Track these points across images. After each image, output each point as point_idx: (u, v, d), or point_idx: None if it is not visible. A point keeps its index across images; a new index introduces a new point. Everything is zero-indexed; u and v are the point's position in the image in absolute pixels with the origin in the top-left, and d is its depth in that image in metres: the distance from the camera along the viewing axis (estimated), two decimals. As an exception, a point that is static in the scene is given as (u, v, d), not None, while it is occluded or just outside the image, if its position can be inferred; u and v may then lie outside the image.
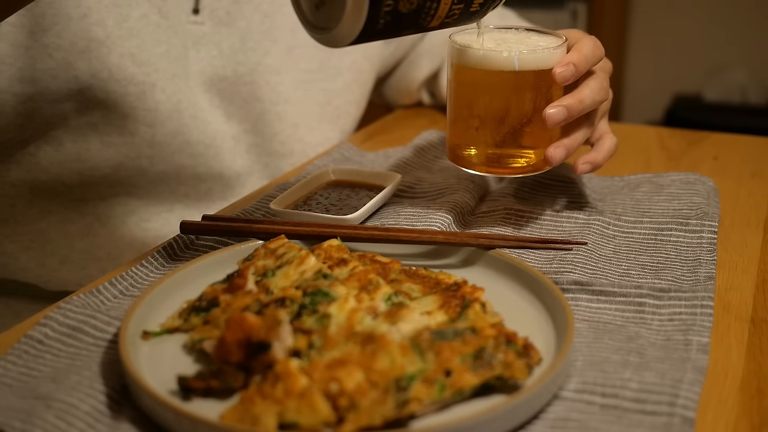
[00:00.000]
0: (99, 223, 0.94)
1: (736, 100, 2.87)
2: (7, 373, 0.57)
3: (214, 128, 0.96)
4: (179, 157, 0.94)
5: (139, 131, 0.90)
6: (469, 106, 0.76)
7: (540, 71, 0.73)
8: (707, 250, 0.74)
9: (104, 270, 0.93)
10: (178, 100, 0.91)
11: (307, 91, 1.04)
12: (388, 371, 0.51)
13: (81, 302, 0.65)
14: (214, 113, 0.96)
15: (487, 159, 0.76)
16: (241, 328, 0.54)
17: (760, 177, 0.95)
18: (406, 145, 1.02)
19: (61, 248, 0.93)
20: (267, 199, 0.86)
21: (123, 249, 0.94)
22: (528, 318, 0.62)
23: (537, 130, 0.75)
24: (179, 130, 0.92)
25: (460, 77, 0.76)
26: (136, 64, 0.87)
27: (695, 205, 0.83)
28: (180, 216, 0.97)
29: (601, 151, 0.79)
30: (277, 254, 0.65)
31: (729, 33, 2.87)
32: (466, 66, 0.74)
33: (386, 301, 0.58)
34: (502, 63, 0.72)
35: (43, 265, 0.93)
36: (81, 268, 0.94)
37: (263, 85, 0.99)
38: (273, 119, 1.01)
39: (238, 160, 1.00)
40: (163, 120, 0.91)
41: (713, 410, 0.54)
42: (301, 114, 1.04)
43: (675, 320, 0.63)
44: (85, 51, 0.85)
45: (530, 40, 0.77)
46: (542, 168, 0.77)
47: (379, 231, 0.72)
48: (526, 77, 0.73)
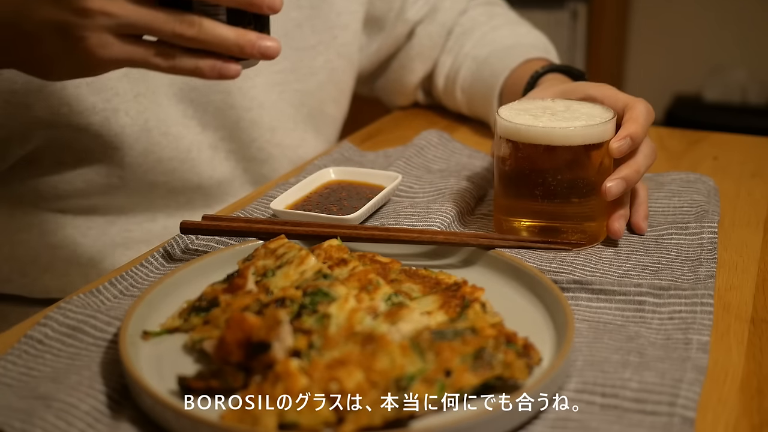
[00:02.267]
0: (80, 233, 0.93)
1: (736, 100, 2.87)
2: (7, 373, 0.57)
3: (189, 140, 0.95)
4: (152, 175, 0.93)
5: (107, 155, 0.89)
6: (523, 180, 0.76)
7: (596, 144, 0.73)
8: (708, 249, 0.74)
9: (87, 276, 0.92)
10: (145, 119, 0.90)
11: (281, 93, 1.03)
12: (388, 371, 0.51)
13: (81, 302, 0.65)
14: (188, 124, 0.95)
15: (540, 231, 0.76)
16: (241, 328, 0.54)
17: (760, 177, 0.95)
18: (406, 145, 1.02)
19: (42, 257, 0.92)
20: (267, 199, 0.86)
21: (106, 255, 0.94)
22: (528, 318, 0.62)
23: (593, 201, 0.75)
24: (150, 149, 0.91)
25: (515, 152, 0.75)
26: (95, 93, 0.86)
27: (695, 203, 0.83)
28: (163, 225, 0.97)
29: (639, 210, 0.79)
30: (277, 254, 0.65)
31: (729, 33, 2.87)
32: (522, 142, 0.74)
33: (386, 301, 0.58)
34: (562, 138, 0.72)
35: (25, 275, 0.93)
36: (63, 275, 0.93)
37: (235, 91, 0.97)
38: (248, 125, 1.00)
39: (218, 169, 0.99)
40: (131, 142, 0.90)
41: (713, 410, 0.54)
42: (277, 117, 1.03)
43: (675, 318, 0.63)
44: (41, 90, 0.83)
45: (580, 109, 0.77)
46: (596, 242, 0.77)
47: (379, 231, 0.72)
48: (584, 151, 0.73)
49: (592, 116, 0.75)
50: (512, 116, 0.76)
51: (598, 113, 0.76)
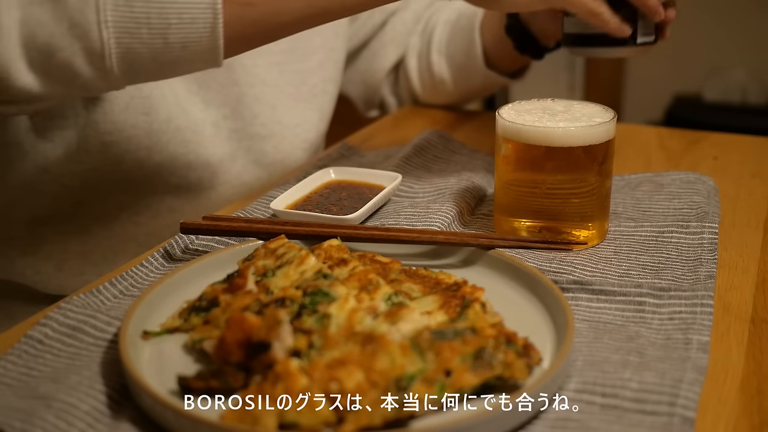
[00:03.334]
0: (93, 220, 0.94)
1: (736, 100, 2.87)
2: (7, 373, 0.57)
3: (195, 115, 0.96)
4: (173, 146, 0.94)
5: (138, 122, 0.90)
6: (523, 180, 0.76)
7: (596, 145, 0.73)
8: (708, 249, 0.74)
9: (101, 274, 0.92)
10: (162, 87, 0.92)
11: (281, 72, 1.04)
12: (388, 371, 0.51)
13: (81, 302, 0.65)
14: (193, 100, 0.96)
15: (540, 231, 0.76)
16: (241, 328, 0.54)
17: (760, 177, 0.95)
18: (406, 145, 1.02)
19: (56, 252, 0.93)
20: (267, 199, 0.86)
21: (117, 250, 0.94)
22: (528, 318, 0.62)
23: (593, 201, 0.75)
24: (170, 116, 0.92)
25: (516, 153, 0.75)
26: None
27: (696, 204, 0.83)
28: (170, 207, 0.97)
29: None
30: (277, 254, 0.65)
31: (729, 33, 2.87)
32: (523, 142, 0.74)
33: (386, 301, 0.58)
34: (563, 138, 0.73)
35: (39, 272, 0.93)
36: (78, 274, 0.93)
37: (238, 68, 0.99)
38: (251, 101, 1.01)
39: (219, 147, 0.99)
40: (156, 107, 0.91)
41: (713, 410, 0.54)
42: (278, 95, 1.03)
43: (675, 319, 0.63)
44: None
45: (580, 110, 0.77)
46: (596, 242, 0.77)
47: (379, 231, 0.72)
48: (584, 151, 0.73)
49: (592, 116, 0.75)
50: (513, 117, 0.76)
51: (597, 113, 0.76)
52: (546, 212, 0.76)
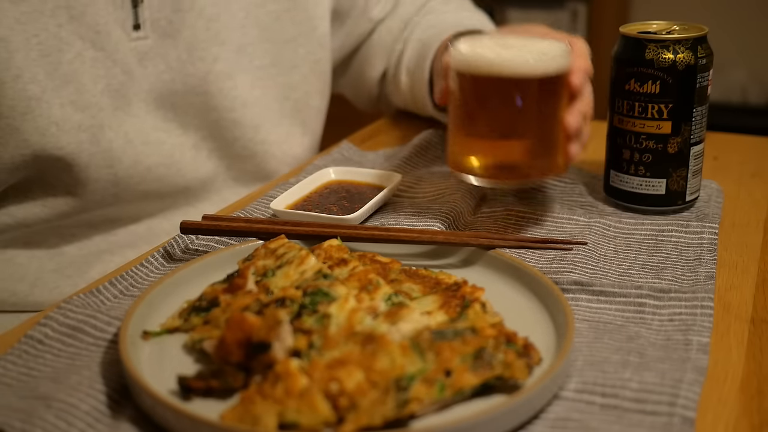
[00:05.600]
0: (65, 242, 0.92)
1: (736, 100, 2.87)
2: (7, 373, 0.57)
3: (171, 144, 0.94)
4: (144, 185, 0.92)
5: (101, 175, 0.88)
6: (478, 115, 0.74)
7: (556, 77, 0.72)
8: (708, 250, 0.74)
9: (76, 286, 0.90)
10: (125, 131, 0.89)
11: (265, 89, 1.02)
12: (388, 371, 0.51)
13: (81, 302, 0.65)
14: (168, 127, 0.94)
15: (495, 167, 0.75)
16: (241, 328, 0.54)
17: (760, 177, 0.95)
18: (406, 145, 1.02)
19: (30, 273, 0.92)
20: (267, 199, 0.86)
21: (92, 263, 0.93)
22: (528, 318, 0.62)
23: (551, 134, 0.74)
24: (137, 160, 0.90)
25: (471, 86, 0.74)
26: (80, 110, 0.85)
27: (696, 207, 0.83)
28: (147, 227, 0.96)
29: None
30: (277, 254, 0.65)
31: (729, 33, 2.87)
32: (478, 75, 0.72)
33: (386, 301, 0.58)
34: (520, 70, 0.71)
35: (15, 294, 0.91)
36: (53, 288, 0.91)
37: (216, 93, 0.96)
38: (230, 125, 0.99)
39: (200, 168, 0.98)
40: (119, 156, 0.89)
41: (713, 410, 0.54)
42: (261, 114, 1.02)
43: (675, 320, 0.63)
44: (27, 112, 0.82)
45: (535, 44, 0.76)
46: (553, 174, 0.76)
47: (379, 231, 0.72)
48: (541, 83, 0.72)
49: (549, 49, 0.74)
50: (467, 49, 0.74)
51: (555, 47, 0.74)
52: (503, 148, 0.75)
